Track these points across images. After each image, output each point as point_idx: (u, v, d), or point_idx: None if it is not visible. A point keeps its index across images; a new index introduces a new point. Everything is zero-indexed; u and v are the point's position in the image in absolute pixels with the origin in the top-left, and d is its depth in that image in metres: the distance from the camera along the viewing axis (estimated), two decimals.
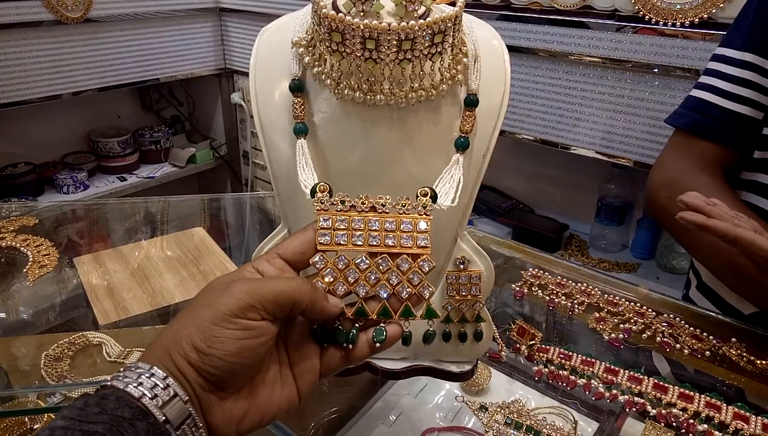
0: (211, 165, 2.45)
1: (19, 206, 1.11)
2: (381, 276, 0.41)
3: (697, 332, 0.74)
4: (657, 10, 1.16)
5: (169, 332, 0.34)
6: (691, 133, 0.79)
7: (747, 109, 0.74)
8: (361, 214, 0.41)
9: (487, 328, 0.53)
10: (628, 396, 0.62)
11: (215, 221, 1.13)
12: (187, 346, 0.33)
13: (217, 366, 0.33)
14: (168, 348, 0.33)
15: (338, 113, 0.48)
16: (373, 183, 0.49)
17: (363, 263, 0.41)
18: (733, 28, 0.77)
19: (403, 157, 0.49)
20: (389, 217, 0.41)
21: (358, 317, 0.41)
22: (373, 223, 0.41)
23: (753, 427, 0.57)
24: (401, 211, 0.42)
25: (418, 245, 0.41)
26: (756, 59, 0.73)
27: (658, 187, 0.81)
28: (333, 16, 0.43)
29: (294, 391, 0.38)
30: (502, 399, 0.64)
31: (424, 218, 0.42)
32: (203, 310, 0.34)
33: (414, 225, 0.41)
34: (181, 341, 0.33)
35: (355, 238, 0.41)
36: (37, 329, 0.78)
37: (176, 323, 0.34)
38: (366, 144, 0.48)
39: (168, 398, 0.31)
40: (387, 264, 0.41)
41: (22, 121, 2.04)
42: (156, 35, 2.02)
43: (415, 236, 0.41)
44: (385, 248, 0.41)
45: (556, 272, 0.87)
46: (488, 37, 0.52)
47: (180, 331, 0.33)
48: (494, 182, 1.85)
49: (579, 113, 1.36)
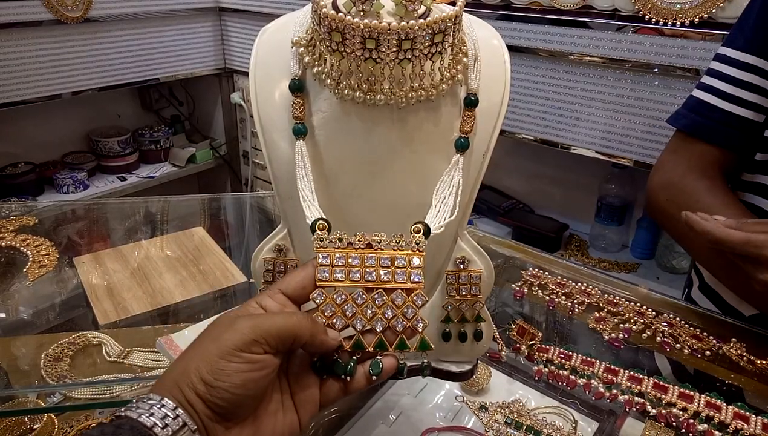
0: (211, 165, 2.45)
1: (18, 206, 1.11)
2: (377, 310, 0.42)
3: (697, 332, 0.74)
4: (657, 10, 1.16)
5: (178, 365, 0.36)
6: (690, 134, 0.79)
7: (748, 112, 0.74)
8: (358, 251, 0.43)
9: (487, 328, 0.53)
10: (628, 396, 0.62)
11: (215, 220, 1.13)
12: (195, 378, 0.35)
13: (223, 398, 0.35)
14: (177, 380, 0.35)
15: (338, 113, 0.48)
16: (373, 183, 0.49)
17: (360, 297, 0.42)
18: (736, 28, 0.77)
19: (403, 157, 0.49)
20: (384, 253, 0.43)
21: (355, 350, 0.42)
22: (369, 259, 0.43)
23: (753, 427, 0.57)
24: (395, 248, 0.43)
25: (411, 281, 0.43)
26: (758, 61, 0.72)
27: (657, 189, 0.81)
28: (333, 15, 0.43)
29: (295, 419, 0.39)
30: (502, 399, 0.64)
31: (417, 254, 0.43)
32: (210, 344, 0.36)
33: (408, 261, 0.43)
34: (190, 374, 0.35)
35: (353, 274, 0.42)
36: (36, 329, 0.79)
37: (185, 357, 0.36)
38: (366, 144, 0.48)
39: (177, 428, 0.33)
40: (382, 299, 0.42)
41: (22, 120, 2.04)
42: (156, 35, 2.01)
43: (409, 272, 0.43)
44: (380, 283, 0.42)
45: (556, 272, 0.87)
46: (488, 36, 0.52)
47: (189, 364, 0.35)
48: (494, 182, 1.85)
49: (579, 113, 1.36)
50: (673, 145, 0.82)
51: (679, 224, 0.76)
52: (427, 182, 0.49)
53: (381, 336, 0.42)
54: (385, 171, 0.49)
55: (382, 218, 0.50)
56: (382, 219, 0.50)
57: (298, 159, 0.47)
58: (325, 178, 0.49)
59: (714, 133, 0.76)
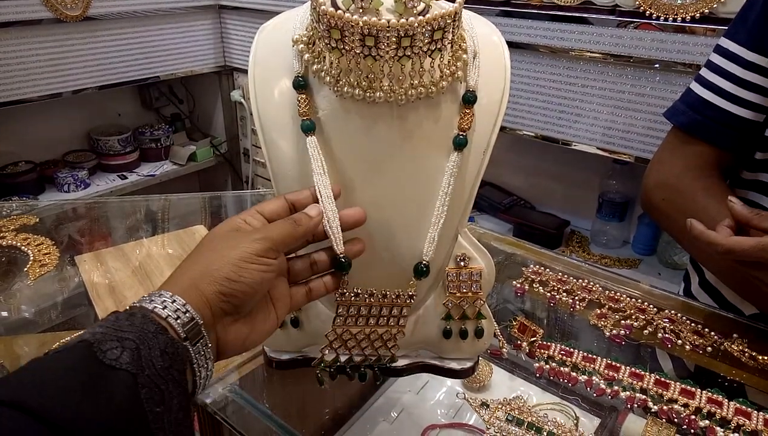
0: (211, 163, 2.45)
1: (19, 205, 1.11)
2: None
3: (698, 328, 0.73)
4: (658, 6, 1.16)
5: (196, 267, 0.42)
6: (688, 133, 0.77)
7: (748, 113, 0.72)
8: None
9: (488, 325, 0.53)
10: (629, 392, 0.62)
11: (216, 218, 1.13)
12: (218, 276, 0.41)
13: (242, 291, 0.42)
14: (196, 279, 0.41)
15: (338, 111, 0.48)
16: (373, 180, 0.49)
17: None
18: (738, 20, 0.74)
19: (403, 154, 0.49)
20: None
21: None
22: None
23: (755, 423, 0.57)
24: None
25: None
26: (760, 60, 0.70)
27: (653, 188, 0.80)
28: (332, 13, 0.43)
29: (275, 317, 0.46)
30: (504, 396, 0.64)
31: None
32: (230, 251, 0.42)
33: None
34: (213, 273, 0.41)
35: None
36: (38, 328, 0.79)
37: (201, 262, 0.42)
38: (365, 141, 0.48)
39: (187, 320, 0.39)
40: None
41: (23, 119, 2.04)
42: (156, 33, 2.01)
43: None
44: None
45: (557, 269, 0.86)
46: (488, 33, 0.52)
47: (209, 266, 0.41)
48: (495, 179, 1.85)
49: (580, 109, 1.35)
50: (669, 143, 0.81)
51: (676, 223, 0.76)
52: (426, 179, 0.49)
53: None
54: (384, 168, 0.49)
55: (382, 215, 0.50)
56: (382, 216, 0.50)
57: (312, 153, 0.47)
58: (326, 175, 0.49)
59: (712, 133, 0.75)
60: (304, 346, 0.56)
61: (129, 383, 0.33)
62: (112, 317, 0.37)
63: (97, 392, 0.32)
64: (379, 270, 0.51)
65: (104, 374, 0.33)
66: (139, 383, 0.34)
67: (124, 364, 0.34)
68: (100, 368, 0.33)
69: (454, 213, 0.50)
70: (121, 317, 0.37)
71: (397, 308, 0.50)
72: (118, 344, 0.35)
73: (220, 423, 0.59)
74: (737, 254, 0.59)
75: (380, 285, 0.50)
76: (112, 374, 0.33)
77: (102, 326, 0.36)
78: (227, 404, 0.60)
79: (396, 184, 0.49)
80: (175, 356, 0.37)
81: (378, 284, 0.50)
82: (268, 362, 0.57)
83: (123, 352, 0.34)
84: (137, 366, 0.34)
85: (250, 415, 0.59)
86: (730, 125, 0.74)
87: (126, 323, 0.37)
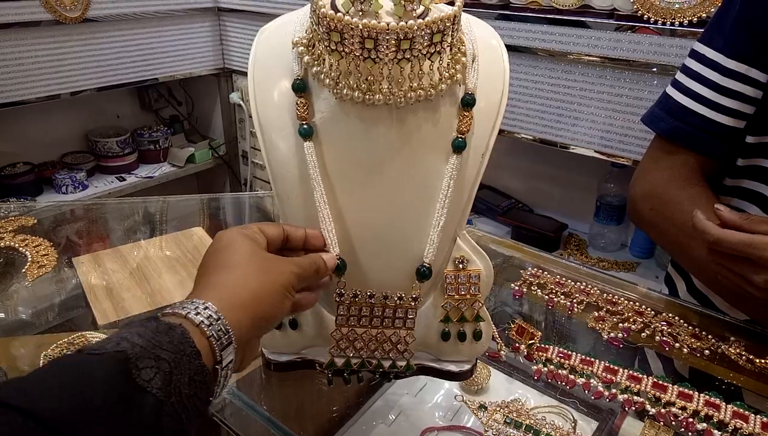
0: (210, 165, 2.44)
1: (17, 206, 1.10)
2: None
3: (696, 331, 0.74)
4: (656, 10, 1.16)
5: (220, 289, 0.41)
6: (671, 140, 0.77)
7: (729, 120, 0.72)
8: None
9: (486, 327, 0.53)
10: (627, 395, 0.62)
11: (214, 220, 1.13)
12: (266, 302, 0.42)
13: (276, 318, 0.44)
14: (244, 301, 0.41)
15: (337, 113, 0.48)
16: (372, 183, 0.49)
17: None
18: (714, 25, 0.74)
19: (402, 157, 0.49)
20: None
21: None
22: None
23: (752, 425, 0.57)
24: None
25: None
26: (740, 67, 0.70)
27: (640, 198, 0.79)
28: (332, 15, 0.43)
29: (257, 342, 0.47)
30: (502, 398, 0.64)
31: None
32: (262, 276, 0.42)
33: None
34: (262, 297, 0.42)
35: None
36: (36, 329, 0.78)
37: (227, 282, 0.42)
38: (365, 144, 0.48)
39: (225, 344, 0.39)
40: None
41: (21, 121, 2.03)
42: (154, 35, 2.01)
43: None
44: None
45: (555, 271, 0.87)
46: (487, 36, 0.52)
47: (260, 290, 0.42)
48: (493, 182, 1.85)
49: (578, 112, 1.36)
50: (653, 152, 0.80)
51: (665, 234, 0.76)
52: (425, 182, 0.49)
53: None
54: (383, 170, 0.49)
55: (381, 217, 0.50)
56: (381, 218, 0.50)
57: (310, 161, 0.47)
58: (324, 179, 0.49)
59: (696, 141, 0.74)
60: (302, 348, 0.55)
61: (156, 410, 0.33)
62: (152, 325, 0.37)
63: (125, 414, 0.32)
64: (377, 272, 0.51)
65: (134, 397, 0.33)
66: (164, 412, 0.34)
67: (155, 388, 0.33)
68: (132, 390, 0.33)
69: (453, 216, 0.50)
70: (161, 329, 0.37)
71: (402, 310, 0.50)
72: (154, 363, 0.34)
73: (219, 425, 0.59)
74: (725, 246, 0.60)
75: (380, 287, 0.50)
76: (142, 396, 0.33)
77: (141, 335, 0.35)
78: (225, 406, 0.60)
79: (395, 186, 0.49)
80: (202, 385, 0.37)
81: (377, 286, 0.50)
82: (267, 364, 0.57)
83: (156, 374, 0.34)
84: (165, 392, 0.34)
85: (249, 417, 0.59)
86: (712, 132, 0.73)
87: (165, 338, 0.36)
